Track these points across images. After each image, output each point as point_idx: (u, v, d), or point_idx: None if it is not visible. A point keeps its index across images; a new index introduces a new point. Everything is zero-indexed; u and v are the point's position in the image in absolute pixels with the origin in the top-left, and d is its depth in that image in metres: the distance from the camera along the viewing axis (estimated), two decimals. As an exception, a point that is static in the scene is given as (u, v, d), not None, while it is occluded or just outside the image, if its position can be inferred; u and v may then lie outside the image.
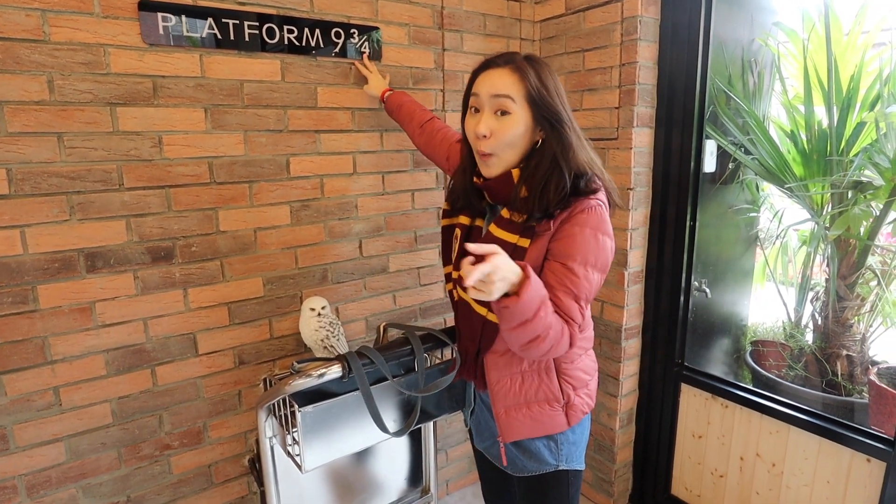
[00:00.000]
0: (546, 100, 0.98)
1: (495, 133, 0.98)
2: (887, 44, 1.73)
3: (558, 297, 0.97)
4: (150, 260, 1.41)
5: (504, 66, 0.99)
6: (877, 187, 1.74)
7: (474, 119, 1.02)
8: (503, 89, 0.97)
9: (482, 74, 1.01)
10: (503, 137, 0.98)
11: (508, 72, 0.98)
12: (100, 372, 1.39)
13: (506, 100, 0.97)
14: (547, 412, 1.13)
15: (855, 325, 1.88)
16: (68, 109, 1.26)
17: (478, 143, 1.01)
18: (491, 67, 1.00)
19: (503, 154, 1.00)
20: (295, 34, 1.50)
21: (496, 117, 0.99)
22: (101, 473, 1.43)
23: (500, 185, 1.03)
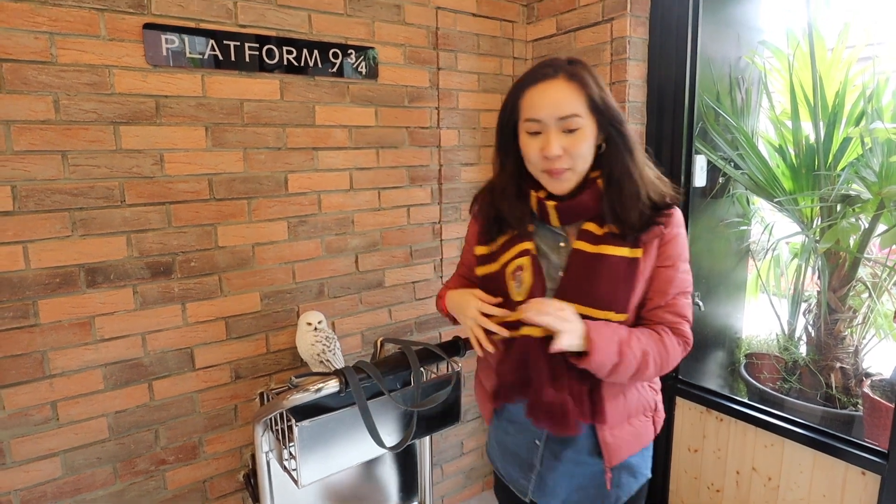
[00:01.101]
0: (608, 104, 0.94)
1: (567, 149, 0.93)
2: (870, 60, 1.77)
3: (675, 301, 0.99)
4: (150, 275, 1.43)
5: (557, 76, 0.92)
6: (865, 201, 1.77)
7: (537, 141, 0.95)
8: (569, 108, 0.91)
9: (533, 92, 0.94)
10: (577, 151, 0.93)
11: (565, 83, 0.92)
12: (97, 386, 1.40)
13: (574, 118, 0.91)
14: (643, 423, 1.08)
15: (848, 338, 1.89)
16: (73, 128, 1.29)
17: (549, 163, 0.94)
18: (543, 80, 0.93)
19: (578, 166, 0.95)
20: (294, 55, 1.55)
21: (564, 134, 0.93)
22: (97, 489, 1.43)
23: (589, 199, 0.97)
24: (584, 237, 0.98)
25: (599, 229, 0.97)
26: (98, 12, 1.29)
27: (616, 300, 0.95)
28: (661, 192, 0.98)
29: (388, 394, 1.35)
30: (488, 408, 1.20)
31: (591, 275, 0.95)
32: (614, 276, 0.95)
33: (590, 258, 0.96)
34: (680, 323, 1.00)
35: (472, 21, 1.89)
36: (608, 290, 0.95)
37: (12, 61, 1.21)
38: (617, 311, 0.96)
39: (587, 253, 0.96)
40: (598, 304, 0.95)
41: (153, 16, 1.35)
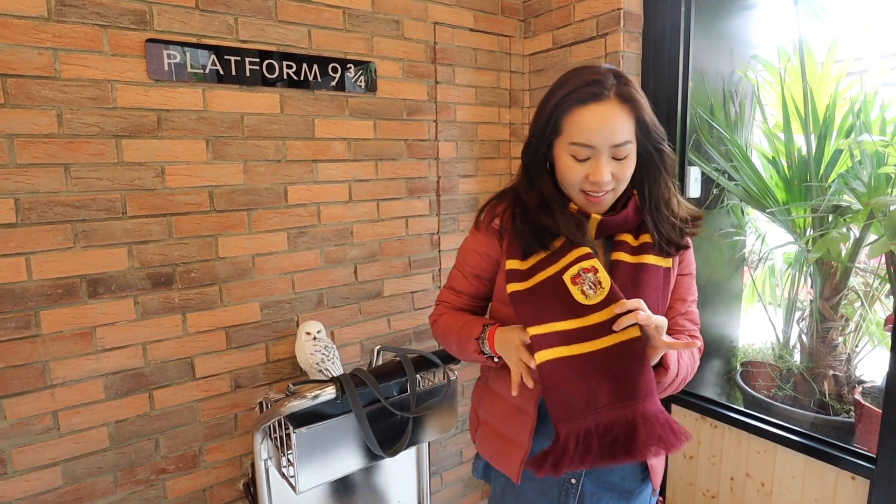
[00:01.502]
0: (655, 123, 0.91)
1: (616, 174, 0.89)
2: (859, 74, 1.81)
3: (692, 308, 1.02)
4: (151, 286, 1.45)
5: (609, 98, 0.86)
6: (855, 211, 1.80)
7: (583, 167, 0.89)
8: (623, 136, 0.87)
9: (584, 113, 0.86)
10: (623, 176, 0.90)
11: (618, 107, 0.86)
12: (98, 396, 1.41)
13: (627, 145, 0.88)
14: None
15: (840, 346, 1.91)
16: (76, 142, 1.31)
17: (594, 187, 0.90)
18: (595, 101, 0.86)
19: (620, 187, 0.92)
20: (294, 69, 1.58)
21: (613, 162, 0.89)
22: (97, 498, 1.44)
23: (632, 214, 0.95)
24: (622, 248, 0.95)
25: (635, 240, 0.95)
26: (101, 28, 1.31)
27: (658, 310, 0.93)
28: (685, 208, 1.00)
29: (383, 400, 1.37)
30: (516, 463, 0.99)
31: (636, 284, 0.92)
32: (656, 286, 0.94)
33: (632, 268, 0.93)
34: (696, 331, 1.02)
35: (470, 36, 1.92)
36: (652, 300, 0.92)
37: (17, 76, 1.23)
38: None
39: (629, 263, 0.93)
40: None
41: (155, 31, 1.37)
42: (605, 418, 0.84)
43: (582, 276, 0.89)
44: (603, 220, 0.94)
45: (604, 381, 0.85)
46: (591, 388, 0.85)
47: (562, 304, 0.88)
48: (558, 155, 0.92)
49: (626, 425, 0.83)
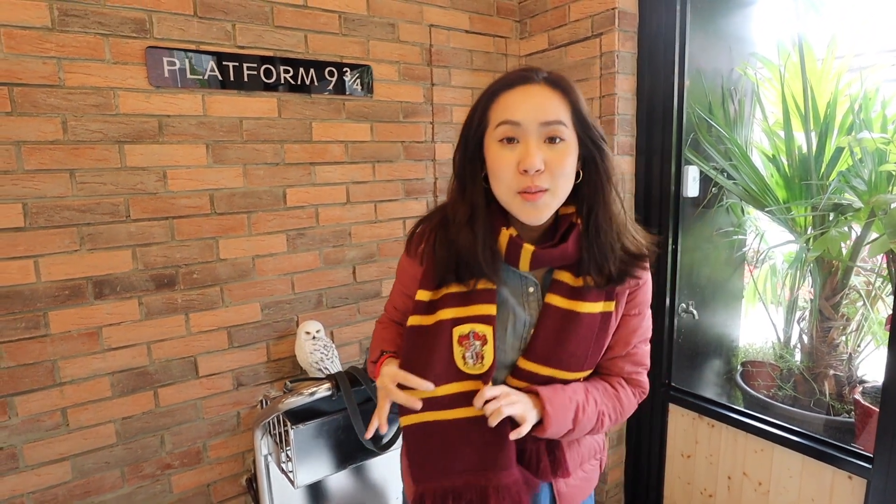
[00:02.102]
0: (593, 119, 0.83)
1: (549, 164, 0.78)
2: (859, 71, 1.79)
3: (637, 350, 0.92)
4: (154, 287, 1.49)
5: (538, 81, 0.80)
6: (856, 209, 1.78)
7: (514, 151, 0.79)
8: (554, 114, 0.78)
9: (510, 94, 0.80)
10: (560, 168, 0.79)
11: (549, 89, 0.80)
12: (105, 393, 1.46)
13: (559, 126, 0.78)
14: (593, 466, 1.00)
15: (842, 345, 1.90)
16: (80, 148, 1.36)
17: (526, 181, 0.78)
18: (522, 84, 0.80)
19: (559, 189, 0.80)
20: (291, 74, 1.61)
21: (546, 145, 0.79)
22: (105, 492, 1.49)
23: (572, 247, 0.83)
24: (558, 290, 0.85)
25: (574, 280, 0.85)
26: (103, 37, 1.35)
27: (586, 360, 0.87)
28: (636, 238, 0.87)
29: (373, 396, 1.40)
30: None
31: (563, 336, 0.84)
32: (588, 336, 0.85)
33: (564, 316, 0.84)
34: (638, 372, 0.93)
35: (466, 37, 1.94)
36: (580, 352, 0.85)
37: (23, 85, 1.28)
38: (585, 369, 0.88)
39: (561, 310, 0.84)
40: (566, 366, 0.86)
41: (155, 39, 1.41)
42: (459, 483, 0.84)
43: (470, 341, 0.84)
44: (536, 252, 0.82)
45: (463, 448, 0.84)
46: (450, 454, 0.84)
47: (442, 364, 0.84)
48: (488, 150, 0.82)
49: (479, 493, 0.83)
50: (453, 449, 0.84)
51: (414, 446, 0.87)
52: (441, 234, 0.88)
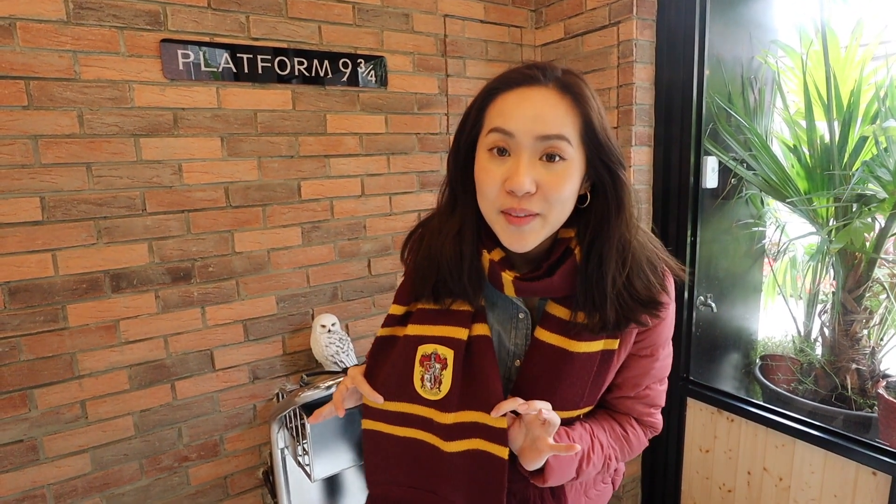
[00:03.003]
0: (609, 137, 0.68)
1: (543, 187, 0.66)
2: (884, 58, 1.74)
3: (649, 391, 0.81)
4: (171, 280, 1.49)
5: (547, 83, 0.67)
6: (880, 200, 1.74)
7: (503, 165, 0.67)
8: (556, 127, 0.65)
9: (509, 96, 0.67)
10: (556, 192, 0.66)
11: (557, 95, 0.66)
12: (123, 386, 1.47)
13: (560, 142, 0.65)
14: (601, 489, 0.91)
15: (864, 339, 1.86)
16: (96, 141, 1.36)
17: (511, 201, 0.67)
18: (526, 84, 0.67)
19: (552, 215, 0.68)
20: (305, 65, 1.59)
21: (542, 164, 0.66)
22: (124, 484, 1.50)
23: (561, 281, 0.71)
24: (549, 324, 0.74)
25: (567, 313, 0.73)
26: (118, 30, 1.35)
27: (582, 399, 0.76)
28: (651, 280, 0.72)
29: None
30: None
31: (554, 378, 0.73)
32: (583, 378, 0.74)
33: (555, 354, 0.73)
34: (651, 414, 0.83)
35: (480, 27, 1.91)
36: (574, 395, 0.75)
37: (39, 79, 1.28)
38: (581, 407, 0.77)
39: (551, 347, 0.73)
40: (560, 405, 0.74)
41: (170, 31, 1.41)
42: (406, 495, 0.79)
43: (431, 363, 0.75)
44: (516, 282, 0.71)
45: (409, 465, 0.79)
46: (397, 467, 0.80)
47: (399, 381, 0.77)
48: (477, 158, 0.71)
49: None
50: (400, 463, 0.79)
51: (367, 451, 0.83)
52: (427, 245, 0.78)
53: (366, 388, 0.78)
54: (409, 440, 0.77)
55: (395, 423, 0.78)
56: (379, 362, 0.81)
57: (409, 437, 0.77)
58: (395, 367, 0.78)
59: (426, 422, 0.76)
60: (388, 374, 0.79)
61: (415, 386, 0.76)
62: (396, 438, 0.78)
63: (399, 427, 0.78)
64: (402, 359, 0.78)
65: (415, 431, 0.77)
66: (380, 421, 0.80)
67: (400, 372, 0.78)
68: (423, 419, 0.76)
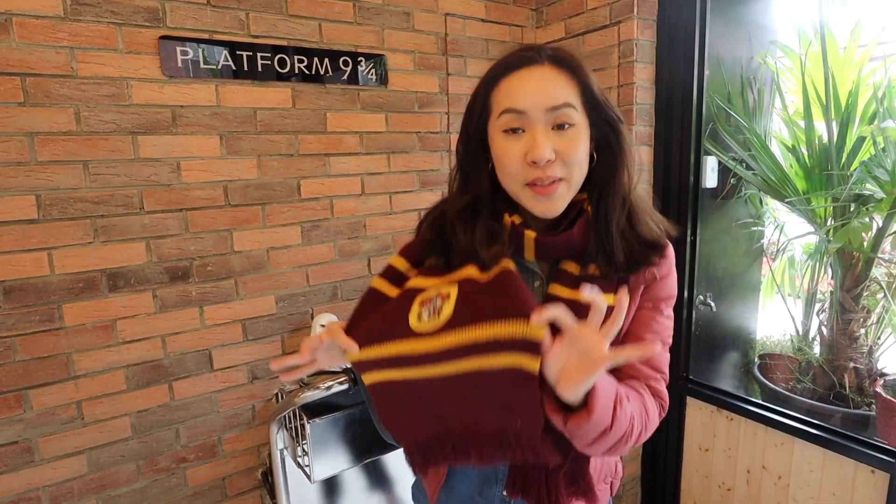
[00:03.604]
0: (606, 98, 0.76)
1: (561, 152, 0.72)
2: (882, 59, 1.75)
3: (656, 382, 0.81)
4: (168, 279, 1.48)
5: (544, 62, 0.73)
6: (878, 200, 1.75)
7: (520, 142, 0.72)
8: (561, 97, 0.71)
9: (511, 79, 0.73)
10: (573, 155, 0.72)
11: (554, 70, 0.73)
12: (120, 387, 1.45)
13: (568, 109, 0.72)
14: (602, 490, 0.90)
15: (862, 338, 1.87)
16: (93, 139, 1.34)
17: (536, 171, 0.72)
18: (524, 66, 0.73)
19: (574, 177, 0.74)
20: (305, 63, 1.58)
21: (555, 132, 0.72)
22: (121, 485, 1.48)
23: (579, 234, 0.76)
24: (562, 279, 0.77)
25: (579, 269, 0.77)
26: (116, 26, 1.33)
27: None
28: (654, 225, 0.79)
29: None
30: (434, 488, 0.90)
31: None
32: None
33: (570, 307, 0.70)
34: (657, 379, 0.81)
35: (481, 26, 1.91)
36: None
37: (35, 75, 1.26)
38: None
39: (566, 301, 0.75)
40: None
41: (168, 28, 1.39)
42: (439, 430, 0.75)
43: (431, 300, 0.75)
44: (540, 239, 0.75)
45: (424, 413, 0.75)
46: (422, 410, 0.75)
47: (393, 320, 0.75)
48: (493, 140, 0.75)
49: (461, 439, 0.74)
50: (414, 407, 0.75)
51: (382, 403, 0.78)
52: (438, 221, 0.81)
53: (341, 337, 0.74)
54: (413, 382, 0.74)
55: (393, 367, 0.74)
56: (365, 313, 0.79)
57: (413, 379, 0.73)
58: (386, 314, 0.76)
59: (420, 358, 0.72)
60: (374, 321, 0.77)
61: (408, 322, 0.73)
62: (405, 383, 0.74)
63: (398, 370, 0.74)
64: (394, 306, 0.77)
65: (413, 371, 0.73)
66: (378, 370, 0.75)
67: (390, 316, 0.76)
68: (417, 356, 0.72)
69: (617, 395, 0.69)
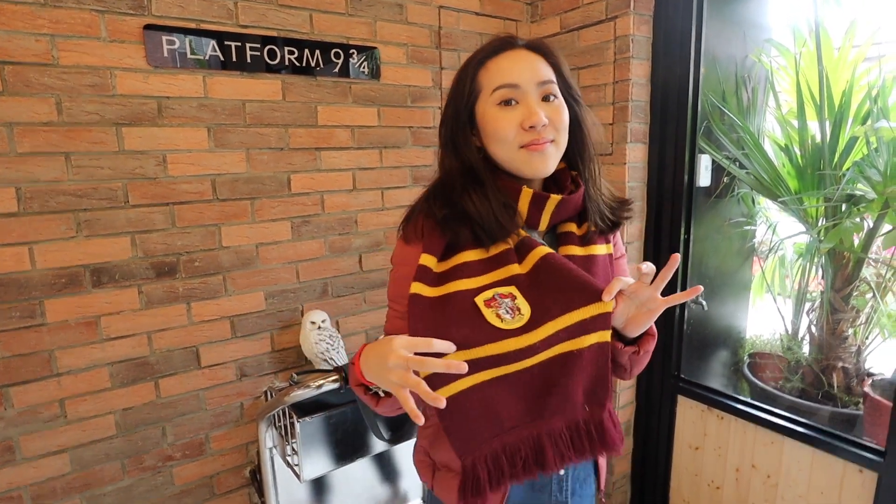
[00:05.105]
0: (571, 79, 0.87)
1: (551, 118, 0.82)
2: (877, 59, 1.75)
3: None
4: (154, 275, 1.44)
5: (523, 48, 0.84)
6: (869, 200, 1.76)
7: (514, 111, 0.80)
8: (547, 74, 0.82)
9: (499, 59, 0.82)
10: (561, 121, 0.83)
11: (533, 53, 0.84)
12: (104, 384, 1.42)
13: (552, 85, 0.82)
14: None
15: (850, 337, 1.89)
16: (76, 130, 1.30)
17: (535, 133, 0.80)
18: (507, 49, 0.83)
19: (561, 141, 0.84)
20: (296, 55, 1.55)
21: (544, 103, 0.82)
22: (105, 484, 1.45)
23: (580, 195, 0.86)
24: (569, 240, 0.87)
25: (579, 228, 0.88)
26: (98, 14, 1.29)
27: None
28: (610, 187, 0.94)
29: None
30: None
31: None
32: (605, 277, 0.87)
33: (584, 261, 0.85)
34: None
35: (475, 20, 1.88)
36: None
37: (14, 63, 1.21)
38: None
39: (579, 257, 0.86)
40: None
41: (153, 17, 1.35)
42: (510, 440, 0.78)
43: (497, 301, 0.78)
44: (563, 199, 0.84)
45: (507, 404, 0.78)
46: (495, 414, 0.77)
47: (470, 326, 0.76)
48: (485, 115, 0.82)
49: (533, 445, 0.78)
50: (497, 408, 0.77)
51: (451, 419, 0.76)
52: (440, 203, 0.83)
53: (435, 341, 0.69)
54: (502, 378, 0.78)
55: (484, 368, 0.76)
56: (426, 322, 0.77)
57: (502, 375, 0.77)
58: (456, 316, 0.77)
59: (519, 353, 0.77)
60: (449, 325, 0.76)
61: (492, 324, 0.76)
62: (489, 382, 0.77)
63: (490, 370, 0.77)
64: (461, 309, 0.77)
65: (507, 367, 0.77)
66: (476, 372, 0.75)
67: (467, 319, 0.77)
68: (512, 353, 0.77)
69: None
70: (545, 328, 0.77)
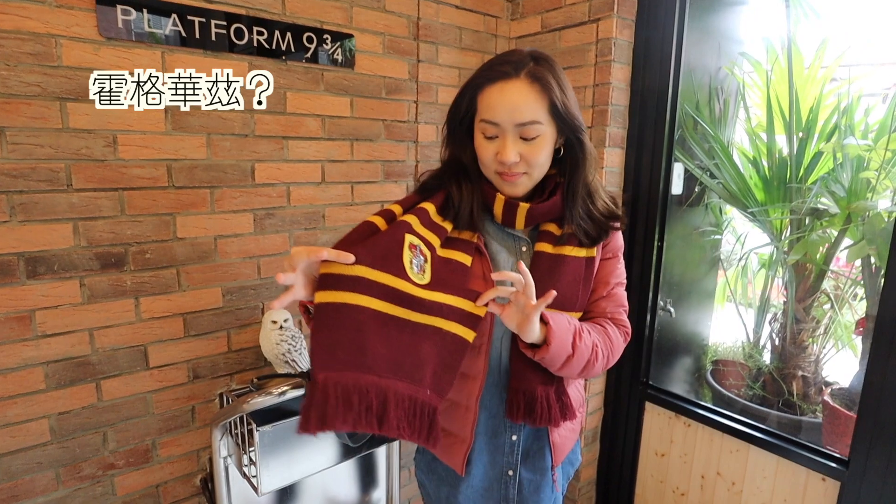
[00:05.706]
0: (570, 111, 0.88)
1: (525, 157, 0.87)
2: (844, 79, 1.80)
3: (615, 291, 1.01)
4: (99, 266, 1.32)
5: (518, 76, 0.85)
6: (833, 215, 1.80)
7: (492, 145, 0.88)
8: (529, 115, 0.85)
9: (492, 91, 0.86)
10: (534, 160, 0.88)
11: (527, 85, 0.85)
12: (38, 386, 1.28)
13: (534, 126, 0.86)
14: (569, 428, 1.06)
15: (810, 347, 1.94)
16: (13, 102, 1.17)
17: (504, 167, 0.89)
18: (503, 80, 0.85)
19: (534, 174, 0.91)
20: (265, 36, 1.45)
21: (522, 141, 0.87)
22: (37, 495, 1.32)
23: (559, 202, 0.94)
24: (545, 238, 0.96)
25: (559, 230, 0.96)
26: (45, -25, 1.16)
27: (575, 300, 0.95)
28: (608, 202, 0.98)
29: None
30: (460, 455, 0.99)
31: (552, 276, 0.92)
32: (575, 277, 0.94)
33: (551, 259, 0.94)
34: (619, 312, 1.01)
35: (455, 13, 1.82)
36: (569, 292, 0.94)
37: (-58, 24, 1.08)
38: (574, 310, 0.96)
39: (548, 255, 0.94)
40: (558, 305, 0.91)
41: (109, -17, 1.23)
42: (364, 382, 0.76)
43: (416, 251, 0.85)
44: (531, 207, 0.93)
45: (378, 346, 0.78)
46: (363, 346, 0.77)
47: (386, 251, 0.81)
48: (476, 134, 0.92)
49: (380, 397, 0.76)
50: (368, 342, 0.77)
51: (325, 327, 0.76)
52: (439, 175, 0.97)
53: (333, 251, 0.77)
54: (386, 316, 0.80)
55: (374, 294, 0.79)
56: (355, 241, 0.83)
57: (388, 314, 0.80)
58: (381, 240, 0.83)
59: (410, 299, 0.81)
60: (374, 243, 0.82)
61: (404, 264, 0.82)
62: (373, 312, 0.79)
63: (378, 300, 0.79)
64: (389, 236, 0.84)
65: (394, 308, 0.80)
66: (351, 291, 0.77)
67: (387, 245, 0.82)
68: (408, 297, 0.81)
69: (575, 330, 0.88)
70: (436, 295, 0.84)
